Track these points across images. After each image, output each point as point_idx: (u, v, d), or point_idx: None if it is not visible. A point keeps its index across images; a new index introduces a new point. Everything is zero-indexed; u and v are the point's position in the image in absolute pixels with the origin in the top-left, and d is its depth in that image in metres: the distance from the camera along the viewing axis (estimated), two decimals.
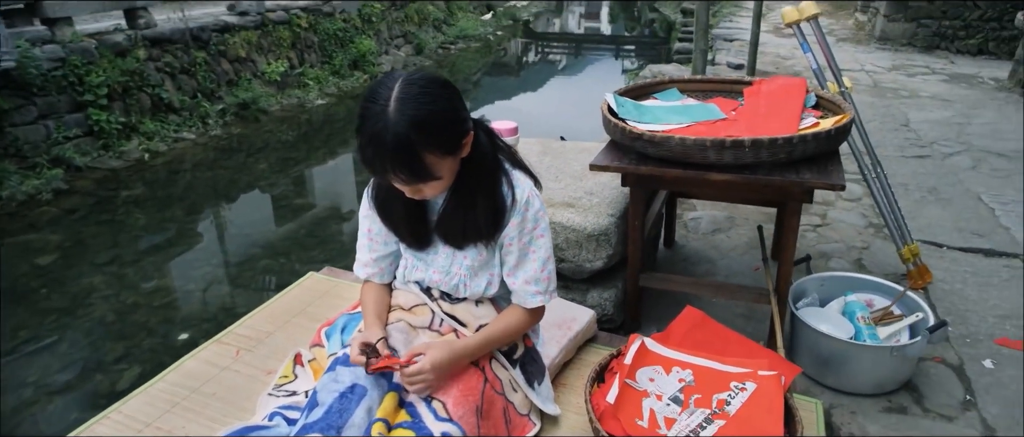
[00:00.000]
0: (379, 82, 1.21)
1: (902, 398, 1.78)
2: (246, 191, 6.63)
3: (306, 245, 5.20)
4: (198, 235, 5.49)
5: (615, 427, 1.38)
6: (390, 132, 1.13)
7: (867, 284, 2.02)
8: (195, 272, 4.84)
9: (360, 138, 1.19)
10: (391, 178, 1.22)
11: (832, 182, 1.61)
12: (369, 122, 1.16)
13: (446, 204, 1.35)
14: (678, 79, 2.30)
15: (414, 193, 1.27)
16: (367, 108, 1.18)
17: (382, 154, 1.16)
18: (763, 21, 7.05)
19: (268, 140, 7.82)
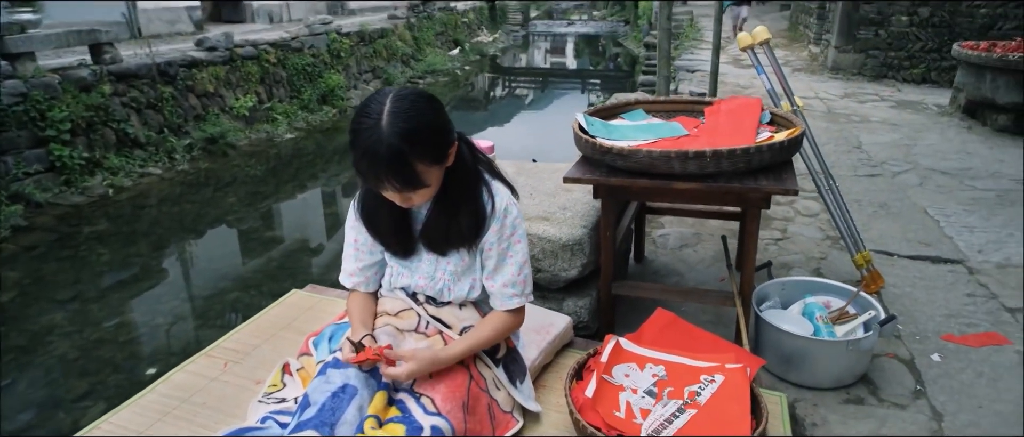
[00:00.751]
0: (370, 98, 1.32)
1: (859, 390, 1.91)
2: (214, 225, 6.61)
3: (277, 277, 5.20)
4: (164, 270, 5.45)
5: (594, 418, 1.48)
6: (384, 144, 1.24)
7: (824, 287, 2.18)
8: (162, 306, 4.80)
9: (354, 151, 1.28)
10: (385, 187, 1.32)
11: (786, 188, 1.77)
12: (363, 135, 1.26)
13: (430, 212, 1.46)
14: (643, 100, 2.47)
15: (404, 201, 1.37)
16: (360, 123, 1.28)
17: (377, 165, 1.26)
18: (722, 53, 7.42)
19: (236, 174, 7.82)
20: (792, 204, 3.48)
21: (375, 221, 1.51)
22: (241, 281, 5.31)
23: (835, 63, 7.67)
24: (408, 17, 13.94)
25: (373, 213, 1.50)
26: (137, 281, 5.13)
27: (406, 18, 13.82)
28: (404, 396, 1.41)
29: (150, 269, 5.36)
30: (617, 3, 32.15)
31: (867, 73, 7.45)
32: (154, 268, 5.41)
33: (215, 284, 5.22)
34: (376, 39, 12.00)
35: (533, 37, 30.23)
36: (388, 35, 12.52)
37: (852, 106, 6.00)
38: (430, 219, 1.46)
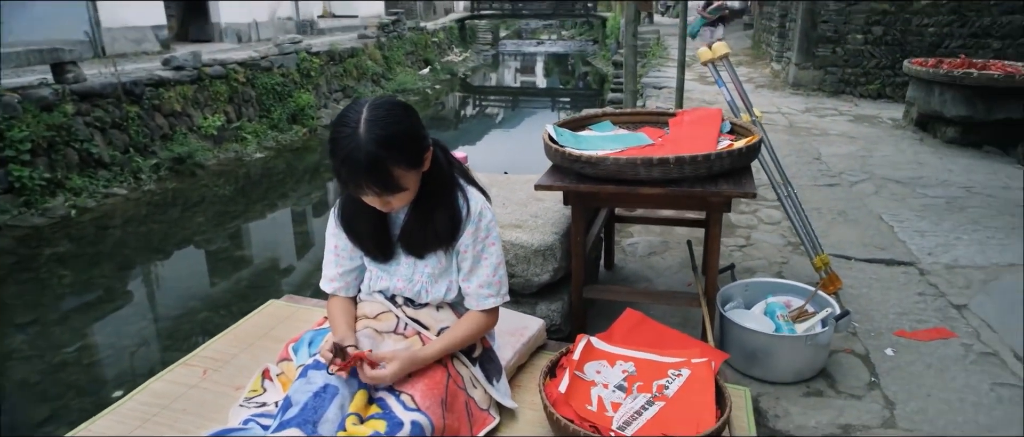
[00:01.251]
0: (348, 108, 1.39)
1: (819, 383, 2.02)
2: (182, 246, 6.54)
3: (247, 297, 5.17)
4: (129, 292, 5.37)
5: (568, 411, 1.55)
6: (362, 150, 1.31)
7: (785, 288, 2.30)
8: (128, 328, 4.74)
9: (334, 158, 1.35)
10: (364, 191, 1.38)
11: (745, 191, 1.88)
12: (342, 143, 1.33)
13: (408, 217, 1.53)
14: (611, 112, 2.59)
15: (384, 206, 1.44)
16: (339, 131, 1.35)
17: (356, 170, 1.33)
18: (688, 70, 7.66)
19: (205, 194, 7.75)
20: (755, 213, 3.63)
21: (355, 227, 1.57)
22: (210, 301, 5.26)
23: (796, 79, 7.98)
24: (378, 37, 14.03)
25: (353, 219, 1.56)
26: (101, 303, 5.05)
27: (376, 38, 13.92)
28: (384, 394, 1.46)
29: (115, 291, 5.28)
30: (586, 23, 32.80)
31: (826, 89, 7.76)
32: (119, 290, 5.33)
33: (184, 304, 5.17)
34: (346, 58, 12.06)
35: (503, 56, 30.61)
36: (358, 54, 12.58)
37: (813, 120, 6.25)
38: (408, 223, 1.53)
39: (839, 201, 3.81)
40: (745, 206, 3.75)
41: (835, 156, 4.88)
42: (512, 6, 33.26)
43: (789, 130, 5.79)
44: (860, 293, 2.63)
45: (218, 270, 5.99)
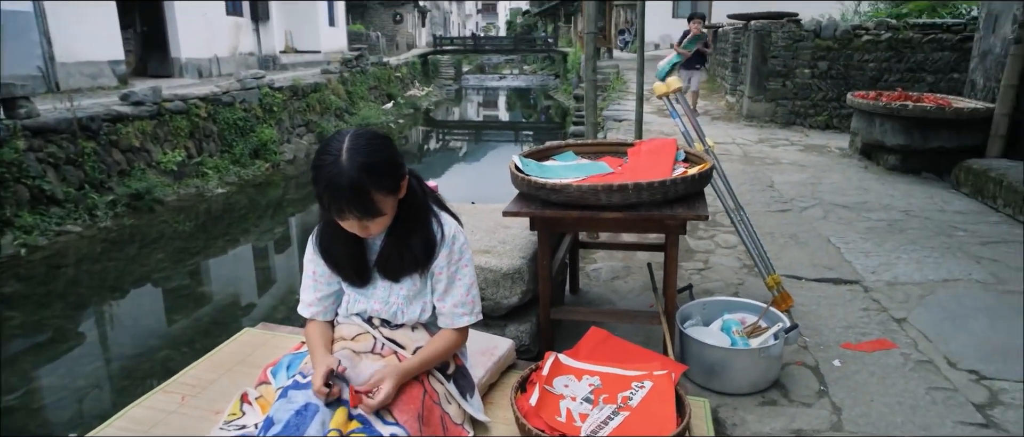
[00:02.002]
0: (330, 139, 1.50)
1: (773, 394, 2.17)
2: (140, 284, 6.44)
3: (210, 333, 5.13)
4: (82, 333, 5.26)
5: (539, 423, 1.65)
6: (345, 176, 1.41)
7: (740, 305, 2.46)
8: (82, 369, 4.65)
9: (318, 185, 1.45)
10: (346, 216, 1.48)
11: (698, 213, 2.05)
12: (325, 170, 1.43)
13: (384, 242, 1.63)
14: (573, 143, 2.75)
15: (363, 231, 1.53)
16: (322, 159, 1.45)
17: (339, 196, 1.43)
18: (646, 103, 7.97)
19: (164, 231, 7.65)
20: (713, 238, 3.83)
21: (333, 254, 1.66)
22: (171, 339, 5.19)
23: (749, 112, 8.38)
24: (341, 72, 14.15)
25: (331, 247, 1.66)
26: (53, 345, 4.93)
27: (339, 73, 14.03)
28: (361, 409, 1.54)
29: (66, 332, 5.17)
30: (547, 58, 33.60)
31: (778, 120, 8.17)
32: (71, 331, 5.22)
33: (142, 343, 5.09)
34: (309, 93, 12.12)
35: (466, 91, 31.06)
36: (321, 89, 12.66)
37: (765, 150, 6.58)
38: (385, 248, 1.63)
39: (791, 225, 4.04)
40: (702, 232, 3.95)
41: (787, 184, 5.16)
42: (474, 42, 33.94)
43: (744, 160, 6.09)
44: (810, 310, 2.81)
45: (179, 307, 5.91)
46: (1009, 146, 4.98)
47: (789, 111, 8.11)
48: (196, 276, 6.79)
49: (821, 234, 3.86)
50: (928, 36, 7.34)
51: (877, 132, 5.65)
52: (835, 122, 7.84)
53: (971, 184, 4.71)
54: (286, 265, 7.54)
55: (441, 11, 44.52)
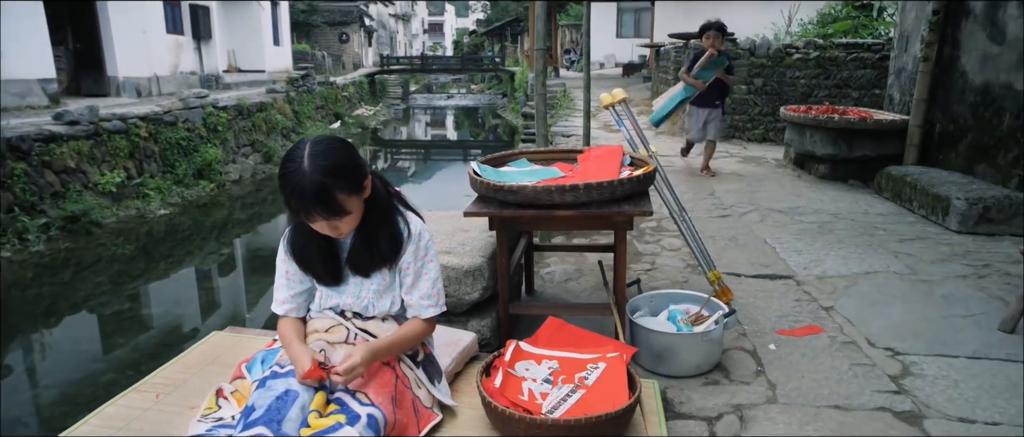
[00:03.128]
0: (292, 149, 1.61)
1: (715, 375, 2.39)
2: (77, 310, 6.27)
3: (158, 356, 5.06)
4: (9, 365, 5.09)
5: (503, 401, 1.81)
6: (308, 180, 1.52)
7: (684, 297, 2.68)
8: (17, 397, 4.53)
9: (284, 192, 1.55)
10: (314, 218, 1.59)
11: (643, 209, 2.26)
12: (290, 177, 1.54)
13: (354, 240, 1.76)
14: (527, 151, 2.94)
15: (333, 231, 1.65)
16: (287, 167, 1.56)
17: (305, 199, 1.54)
18: (594, 119, 8.29)
19: (102, 254, 7.46)
20: (659, 242, 4.08)
21: (305, 257, 1.77)
22: (115, 362, 5.10)
23: None
24: (288, 91, 14.06)
25: (303, 250, 1.77)
26: None
27: (286, 92, 13.94)
28: (341, 394, 1.66)
29: None
30: (494, 77, 34.06)
31: (719, 134, 8.62)
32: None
33: (84, 368, 4.99)
34: (255, 113, 12.01)
35: (413, 110, 31.13)
36: (267, 109, 12.56)
37: None
38: (355, 246, 1.76)
39: (731, 229, 4.33)
40: (649, 237, 4.20)
41: (727, 192, 5.50)
42: (422, 61, 34.12)
43: (687, 171, 6.44)
44: (748, 302, 3.06)
45: (122, 331, 5.79)
46: (922, 154, 5.47)
47: (728, 125, 8.57)
48: (138, 299, 6.65)
49: (758, 236, 4.16)
50: (851, 55, 7.93)
51: (808, 143, 6.08)
52: (771, 135, 8.34)
53: (891, 189, 5.15)
54: (232, 286, 7.45)
55: (388, 31, 44.58)
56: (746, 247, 3.95)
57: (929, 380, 2.34)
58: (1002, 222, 4.06)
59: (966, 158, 4.98)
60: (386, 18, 43.81)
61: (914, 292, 3.16)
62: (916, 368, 2.43)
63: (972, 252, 3.75)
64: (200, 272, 7.79)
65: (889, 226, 4.36)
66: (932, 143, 5.46)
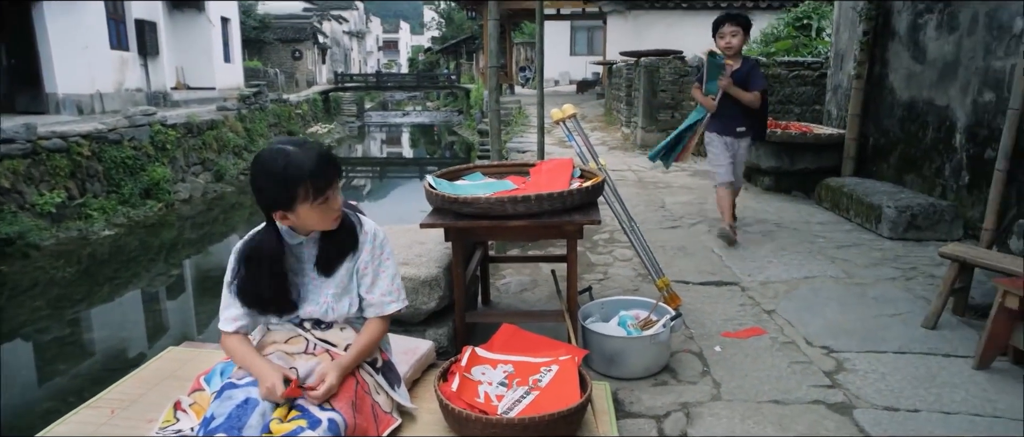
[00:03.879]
0: (270, 151, 1.70)
1: (664, 376, 2.51)
2: (10, 337, 6.03)
3: (103, 381, 4.91)
4: None
5: (460, 403, 1.89)
6: (313, 153, 1.67)
7: (634, 303, 2.81)
8: None
9: (293, 182, 1.63)
10: (334, 182, 1.71)
11: (592, 219, 2.38)
12: (292, 169, 1.63)
13: (321, 243, 1.82)
14: (481, 165, 3.04)
15: (336, 209, 1.75)
16: (282, 162, 1.65)
17: (321, 169, 1.66)
18: (548, 135, 8.47)
19: (39, 278, 7.21)
20: (611, 252, 4.22)
21: (260, 298, 1.78)
22: (54, 390, 4.94)
23: (643, 141, 9.09)
24: (239, 109, 13.86)
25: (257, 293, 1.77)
26: None
27: (237, 110, 13.73)
28: (301, 400, 1.71)
29: None
30: (450, 94, 34.19)
31: None
32: None
33: (20, 395, 4.81)
34: (205, 130, 11.79)
35: (369, 128, 30.96)
36: (218, 126, 12.35)
37: (658, 176, 7.20)
38: (322, 245, 1.82)
39: (680, 239, 4.51)
40: (602, 248, 4.34)
41: (677, 204, 5.71)
42: (376, 79, 34.01)
43: (639, 184, 6.64)
44: (696, 307, 3.21)
45: (62, 357, 5.61)
46: (858, 166, 5.80)
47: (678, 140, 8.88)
48: (79, 324, 6.45)
49: (706, 246, 4.35)
50: (793, 72, 8.34)
51: (753, 157, 6.36)
52: None
53: (830, 199, 5.44)
54: (181, 308, 7.29)
55: (342, 48, 44.29)
56: (694, 256, 4.12)
57: (860, 374, 2.51)
58: (927, 228, 4.35)
59: (896, 169, 5.32)
60: (340, 35, 43.55)
61: (848, 294, 3.37)
62: (849, 364, 2.60)
63: (901, 256, 4.02)
64: (147, 294, 7.59)
65: (828, 234, 4.61)
66: (866, 155, 5.80)
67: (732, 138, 4.26)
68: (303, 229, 1.78)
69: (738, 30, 4.05)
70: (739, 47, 4.09)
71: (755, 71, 4.15)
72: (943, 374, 2.49)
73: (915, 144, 5.06)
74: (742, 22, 4.09)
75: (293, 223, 1.74)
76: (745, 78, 4.09)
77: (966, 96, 4.40)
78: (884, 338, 2.83)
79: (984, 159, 4.11)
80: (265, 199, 1.69)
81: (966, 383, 2.42)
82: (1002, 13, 4.02)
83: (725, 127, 4.24)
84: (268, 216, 1.75)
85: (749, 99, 4.08)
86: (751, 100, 4.09)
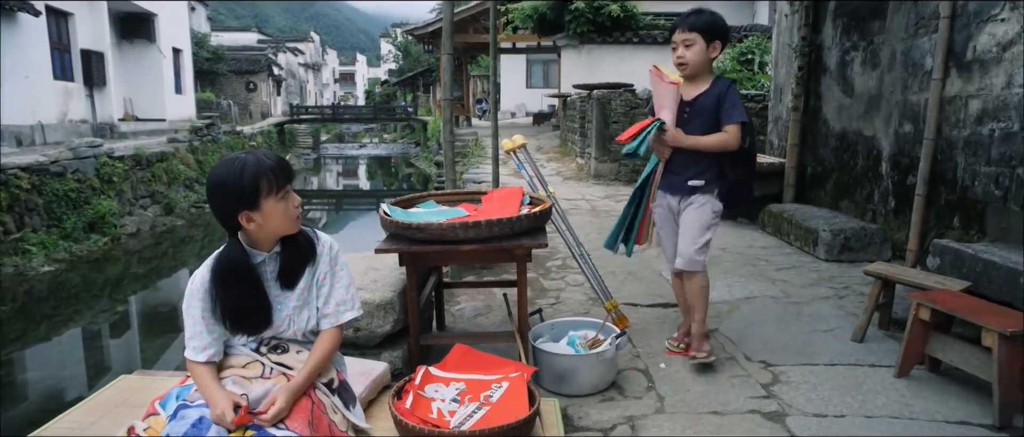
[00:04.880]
0: (229, 161, 1.80)
1: (611, 393, 2.64)
2: None
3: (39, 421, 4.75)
4: None
5: (414, 419, 1.97)
6: (270, 156, 1.82)
7: (583, 324, 2.94)
8: None
9: (258, 177, 1.74)
10: (293, 178, 1.86)
11: (539, 243, 2.52)
12: (250, 168, 1.75)
13: (282, 256, 1.91)
14: (435, 193, 3.16)
15: (296, 210, 1.86)
16: (239, 165, 1.76)
17: (279, 168, 1.80)
18: (504, 165, 8.65)
19: None
20: (563, 278, 4.37)
21: (237, 316, 1.86)
22: None
23: (596, 171, 9.37)
24: (190, 141, 13.67)
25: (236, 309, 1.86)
26: None
27: (189, 142, 13.54)
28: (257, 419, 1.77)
29: None
30: (407, 126, 34.30)
31: (622, 178, 9.21)
32: None
33: None
34: (155, 163, 11.59)
35: (325, 160, 30.75)
36: (169, 159, 12.16)
37: (611, 204, 7.43)
38: (284, 257, 1.90)
39: (630, 265, 4.69)
40: (555, 274, 4.48)
41: None
42: (333, 111, 33.90)
43: (592, 213, 6.85)
44: (644, 328, 3.37)
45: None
46: (798, 193, 6.14)
47: (631, 170, 9.18)
48: (12, 365, 6.21)
49: (654, 270, 4.54)
50: None
51: None
52: None
53: (772, 224, 5.73)
54: (126, 346, 7.10)
55: (297, 80, 44.08)
56: (644, 280, 4.30)
57: (793, 385, 2.69)
58: (860, 250, 4.65)
59: (832, 195, 5.66)
60: (296, 67, 43.38)
61: (786, 313, 3.59)
62: (784, 376, 2.78)
63: (835, 277, 4.28)
64: (89, 332, 7.36)
65: (769, 257, 4.87)
66: (805, 183, 6.15)
67: (682, 196, 2.88)
68: (266, 237, 1.85)
69: (693, 38, 2.70)
70: (699, 63, 2.73)
71: (730, 97, 2.72)
72: (868, 382, 2.70)
73: (848, 172, 5.41)
74: (700, 26, 2.70)
75: (257, 227, 1.79)
76: (712, 108, 2.73)
77: (889, 127, 4.76)
78: (817, 352, 3.03)
79: (907, 185, 4.44)
80: (230, 201, 1.75)
81: (887, 390, 2.63)
82: (915, 52, 4.40)
83: (672, 182, 2.89)
84: (231, 229, 1.82)
85: (713, 143, 2.72)
86: (715, 143, 2.72)
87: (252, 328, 1.88)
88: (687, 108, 2.77)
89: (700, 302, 2.85)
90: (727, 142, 2.72)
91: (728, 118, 2.71)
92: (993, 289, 2.74)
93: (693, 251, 2.83)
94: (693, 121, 2.75)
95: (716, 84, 2.77)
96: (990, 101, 3.63)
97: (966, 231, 3.83)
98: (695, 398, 2.59)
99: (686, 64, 2.74)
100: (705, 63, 2.74)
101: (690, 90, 2.78)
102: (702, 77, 2.78)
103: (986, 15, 3.66)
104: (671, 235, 3.00)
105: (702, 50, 2.71)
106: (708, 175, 2.82)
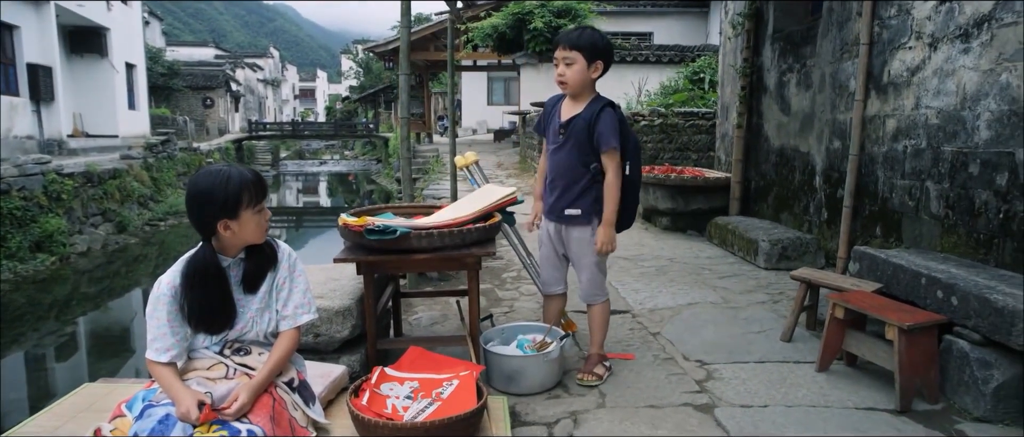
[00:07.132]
0: (209, 171, 1.99)
1: (557, 391, 2.84)
2: None
3: None
4: None
5: (370, 413, 2.14)
6: (249, 171, 2.01)
7: (532, 328, 3.15)
8: None
9: (240, 190, 1.93)
10: (267, 195, 2.05)
11: (488, 251, 2.72)
12: (234, 181, 1.94)
13: (246, 264, 2.06)
14: (392, 206, 3.34)
15: (265, 221, 2.05)
16: (220, 177, 1.94)
17: (259, 182, 2.00)
18: (462, 182, 8.85)
19: None
20: (518, 288, 4.58)
21: (205, 315, 2.02)
22: None
23: None
24: (145, 157, 13.49)
25: (202, 310, 2.01)
26: None
27: (143, 158, 13.37)
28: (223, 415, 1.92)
29: None
30: (368, 143, 34.24)
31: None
32: None
33: None
34: (107, 180, 11.43)
35: (284, 177, 30.46)
36: (122, 176, 11.99)
37: None
38: (247, 265, 2.06)
39: None
40: (510, 285, 4.69)
41: None
42: (293, 127, 33.64)
43: None
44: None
45: None
46: (743, 206, 6.50)
47: None
48: None
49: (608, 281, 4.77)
50: (689, 122, 9.17)
51: (652, 199, 6.98)
52: None
53: (718, 236, 6.06)
54: (74, 369, 7.00)
55: (256, 96, 43.58)
56: None
57: (725, 381, 2.94)
58: (796, 259, 4.99)
59: (773, 208, 6.02)
60: (254, 83, 42.92)
61: (723, 317, 3.86)
62: (717, 373, 3.04)
63: (772, 284, 4.60)
64: (32, 356, 7.23)
65: (713, 266, 5.17)
66: (750, 196, 6.51)
67: (559, 224, 2.94)
68: (236, 245, 2.02)
69: (574, 56, 2.67)
70: (579, 82, 2.70)
71: (602, 121, 2.67)
72: (792, 377, 2.97)
73: (786, 186, 5.78)
74: (582, 45, 2.66)
75: (232, 234, 1.96)
76: (583, 130, 2.71)
77: (821, 144, 5.13)
78: (749, 351, 3.30)
79: (837, 198, 4.80)
80: (212, 208, 1.91)
81: (809, 383, 2.90)
82: (841, 74, 4.79)
83: (552, 207, 2.95)
84: (206, 235, 1.98)
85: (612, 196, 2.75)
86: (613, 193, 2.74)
87: (217, 327, 2.03)
88: (562, 129, 2.76)
89: (599, 327, 3.00)
90: (614, 183, 2.71)
91: (602, 145, 2.68)
92: (900, 289, 3.05)
93: (593, 289, 2.98)
94: (567, 143, 2.75)
95: (589, 106, 2.73)
96: (903, 120, 4.00)
97: (886, 239, 4.19)
98: (634, 394, 2.82)
99: (566, 83, 2.72)
100: (586, 82, 2.71)
101: (569, 109, 2.78)
102: (582, 97, 2.76)
103: (897, 43, 4.04)
104: (549, 258, 3.03)
105: (583, 69, 2.67)
106: (583, 203, 2.81)
